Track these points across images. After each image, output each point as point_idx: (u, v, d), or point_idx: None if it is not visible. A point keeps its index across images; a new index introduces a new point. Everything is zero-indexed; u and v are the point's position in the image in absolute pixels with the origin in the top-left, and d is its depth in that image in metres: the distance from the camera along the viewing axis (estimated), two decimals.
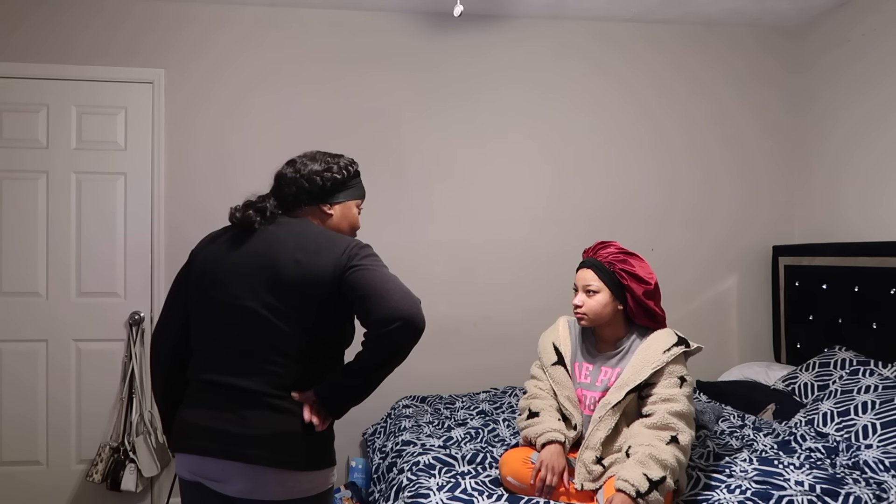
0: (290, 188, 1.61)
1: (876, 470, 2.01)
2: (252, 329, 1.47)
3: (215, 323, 1.51)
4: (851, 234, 3.14)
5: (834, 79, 3.27)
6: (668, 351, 1.91)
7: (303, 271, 1.45)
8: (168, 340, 1.62)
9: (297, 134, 3.22)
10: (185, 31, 3.18)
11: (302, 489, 1.45)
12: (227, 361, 1.48)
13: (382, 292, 1.41)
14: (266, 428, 1.42)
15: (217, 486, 1.46)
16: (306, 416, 1.45)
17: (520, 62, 3.39)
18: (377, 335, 1.41)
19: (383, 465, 2.43)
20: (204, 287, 1.54)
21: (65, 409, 3.07)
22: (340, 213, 1.65)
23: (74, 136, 3.10)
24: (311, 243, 1.49)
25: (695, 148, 3.49)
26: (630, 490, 1.67)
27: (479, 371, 3.30)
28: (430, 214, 3.33)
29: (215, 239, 1.60)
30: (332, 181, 1.62)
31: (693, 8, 3.28)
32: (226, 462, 1.42)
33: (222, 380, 1.47)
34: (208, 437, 1.44)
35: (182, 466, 1.51)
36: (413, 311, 1.40)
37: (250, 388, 1.44)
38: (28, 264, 3.06)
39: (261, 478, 1.42)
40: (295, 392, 1.46)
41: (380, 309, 1.39)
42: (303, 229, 1.54)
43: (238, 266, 1.50)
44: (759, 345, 3.53)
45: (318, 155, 1.66)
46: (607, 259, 1.99)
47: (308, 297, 1.46)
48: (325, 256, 1.47)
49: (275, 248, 1.49)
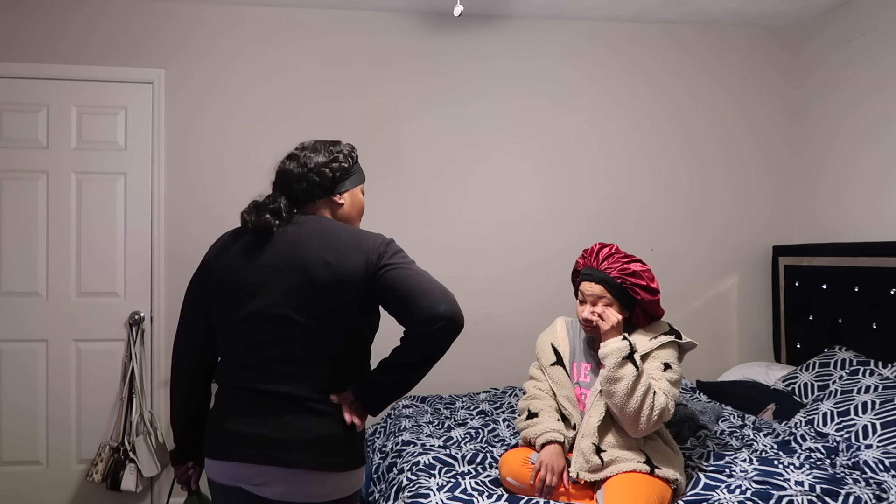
0: (300, 184, 1.56)
1: (876, 470, 2.01)
2: (287, 335, 1.45)
3: (247, 331, 1.48)
4: (855, 234, 3.13)
5: (835, 79, 3.27)
6: (655, 338, 1.96)
7: (334, 273, 1.43)
8: (192, 349, 1.59)
9: (297, 134, 3.18)
10: (185, 32, 3.18)
11: (340, 489, 1.47)
12: (263, 368, 1.46)
13: (421, 292, 1.40)
14: (309, 432, 1.42)
15: (257, 490, 1.45)
16: (347, 419, 1.45)
17: (519, 63, 3.38)
18: (420, 335, 1.42)
19: (383, 465, 2.43)
20: (229, 296, 1.50)
21: (65, 408, 3.07)
22: (350, 200, 1.62)
23: (74, 136, 3.10)
24: (339, 243, 1.47)
25: (694, 148, 3.49)
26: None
27: (479, 371, 3.30)
28: (430, 214, 3.33)
29: (231, 245, 1.55)
30: (341, 170, 1.58)
31: (693, 8, 3.28)
32: (268, 467, 1.42)
33: (259, 386, 1.45)
34: (248, 444, 1.43)
35: (219, 472, 1.49)
36: (454, 310, 1.40)
37: (290, 393, 1.43)
38: (28, 264, 3.06)
39: (302, 481, 1.42)
40: (334, 395, 1.46)
41: (421, 309, 1.39)
42: (325, 228, 1.51)
43: (265, 272, 1.47)
44: (759, 345, 3.53)
45: (318, 145, 1.62)
46: (615, 273, 1.97)
47: (341, 299, 1.44)
48: (355, 256, 1.45)
49: (301, 251, 1.46)
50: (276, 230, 1.49)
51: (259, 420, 1.43)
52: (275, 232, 1.49)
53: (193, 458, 1.63)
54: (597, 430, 1.90)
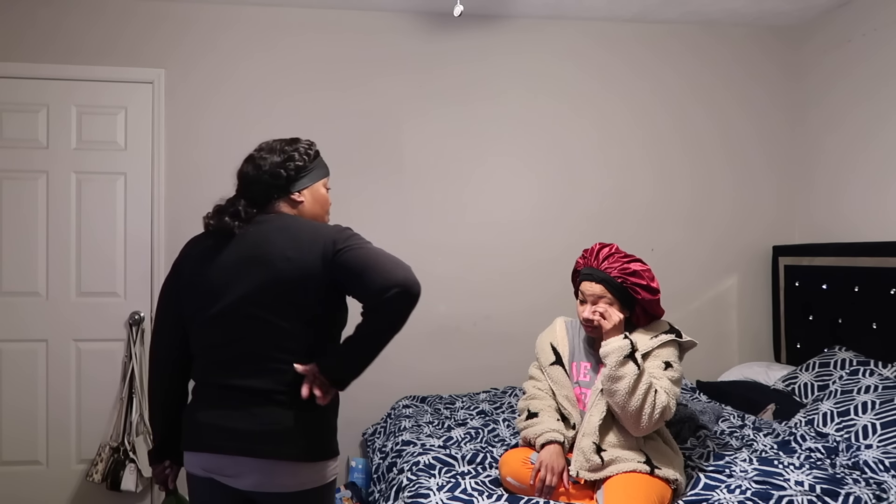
0: (257, 185, 1.62)
1: (876, 470, 2.01)
2: (255, 332, 1.49)
3: (216, 330, 1.53)
4: (855, 234, 3.13)
5: (835, 79, 3.27)
6: (655, 337, 1.97)
7: (294, 267, 1.48)
8: (167, 351, 1.64)
9: (298, 133, 3.19)
10: (185, 32, 3.18)
11: (313, 479, 1.51)
12: (232, 364, 1.51)
13: (375, 265, 1.45)
14: (278, 424, 1.46)
15: (230, 480, 1.50)
16: (304, 392, 1.47)
17: (519, 63, 3.38)
18: (376, 305, 1.45)
19: (383, 465, 2.44)
20: (198, 298, 1.56)
21: (65, 408, 3.07)
22: (310, 196, 1.66)
23: (74, 136, 3.10)
24: (298, 239, 1.52)
25: (694, 148, 3.49)
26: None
27: (479, 371, 3.30)
28: (430, 214, 3.33)
29: (197, 249, 1.62)
30: (296, 169, 1.63)
31: (693, 8, 3.28)
32: (239, 458, 1.47)
33: (230, 382, 1.50)
34: (221, 436, 1.48)
35: (195, 464, 1.55)
36: (408, 276, 1.44)
37: (259, 387, 1.48)
38: (28, 264, 3.06)
39: (273, 471, 1.47)
40: (298, 365, 1.48)
41: (376, 280, 1.43)
42: (285, 225, 1.56)
43: (229, 272, 1.52)
44: (759, 345, 3.53)
45: (274, 145, 1.66)
46: (615, 272, 1.97)
47: (306, 291, 1.48)
48: (313, 249, 1.49)
49: (264, 249, 1.51)
50: (236, 231, 1.55)
51: (230, 413, 1.48)
52: (236, 233, 1.55)
53: (171, 457, 1.68)
54: (598, 429, 1.90)
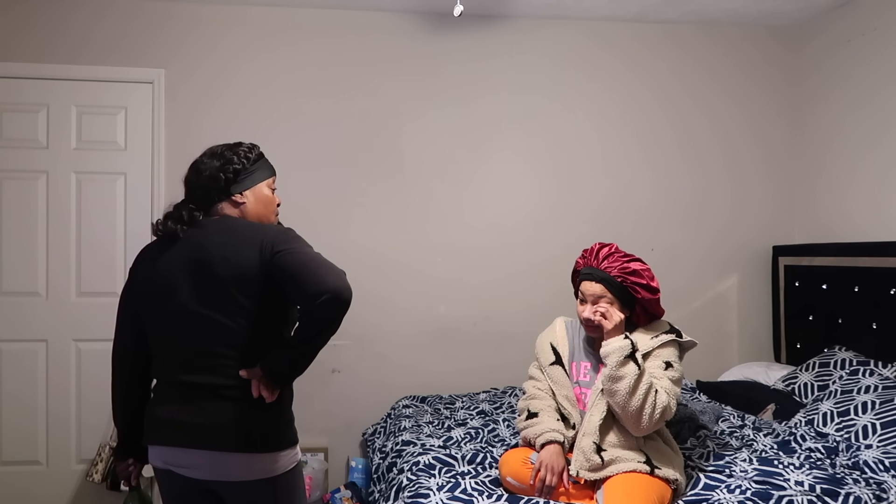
0: (198, 190, 1.68)
1: (876, 470, 2.01)
2: (201, 330, 1.56)
3: (168, 330, 1.61)
4: (855, 234, 3.13)
5: (835, 79, 3.27)
6: (656, 337, 1.96)
7: (232, 267, 1.54)
8: (126, 352, 1.72)
9: (298, 133, 3.23)
10: (185, 32, 3.18)
11: (268, 469, 1.56)
12: (184, 362, 1.58)
13: (308, 270, 1.49)
14: (226, 417, 1.53)
15: (187, 472, 1.57)
16: (254, 392, 1.53)
17: (518, 64, 3.38)
18: (309, 309, 1.50)
19: (383, 465, 2.44)
20: (150, 300, 1.64)
21: (65, 409, 3.07)
22: (252, 197, 1.70)
23: (74, 136, 3.10)
24: (236, 239, 1.57)
25: (694, 147, 3.49)
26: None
27: (479, 371, 3.30)
28: (430, 214, 3.33)
29: (148, 253, 1.69)
30: (234, 172, 1.67)
31: (693, 7, 3.28)
32: (192, 450, 1.54)
33: (183, 378, 1.57)
34: (175, 430, 1.55)
35: (154, 457, 1.62)
36: (339, 284, 1.47)
37: (208, 383, 1.55)
38: (28, 264, 3.06)
39: (225, 462, 1.53)
40: (243, 370, 1.55)
41: (309, 286, 1.47)
42: (227, 226, 1.62)
43: (175, 274, 1.59)
44: (759, 345, 3.53)
45: (216, 150, 1.72)
46: (615, 272, 1.97)
47: (244, 291, 1.54)
48: (251, 248, 1.55)
49: (204, 250, 1.57)
50: (180, 234, 1.61)
51: (184, 408, 1.55)
52: (180, 237, 1.61)
53: (134, 454, 1.74)
54: (598, 428, 1.90)
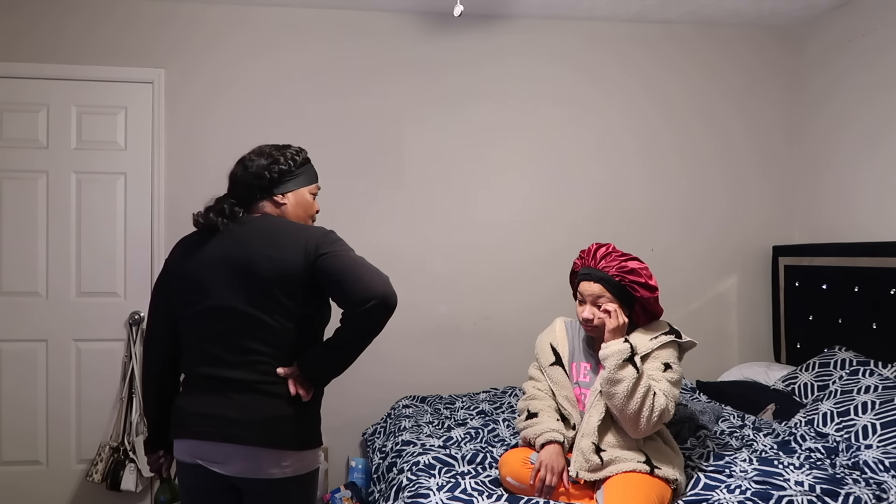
0: (242, 186, 1.69)
1: (876, 470, 2.01)
2: (239, 326, 1.57)
3: (204, 325, 1.60)
4: (855, 234, 3.13)
5: (835, 80, 3.27)
6: (655, 338, 1.96)
7: (276, 266, 1.55)
8: (159, 345, 1.71)
9: (298, 134, 3.21)
10: (185, 32, 3.18)
11: (296, 468, 1.58)
12: (219, 357, 1.58)
13: (355, 275, 1.52)
14: (262, 412, 1.54)
15: (217, 467, 1.56)
16: (292, 390, 1.55)
17: (518, 64, 3.38)
18: (355, 314, 1.52)
19: (383, 465, 2.44)
20: (186, 293, 1.63)
21: (65, 409, 3.07)
22: (294, 201, 1.73)
23: (74, 136, 3.10)
24: (280, 238, 1.59)
25: (693, 147, 3.49)
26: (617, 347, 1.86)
27: (479, 371, 3.30)
28: (430, 214, 3.33)
29: (186, 245, 1.69)
30: (280, 172, 1.69)
31: (693, 7, 3.28)
32: (226, 445, 1.54)
33: (217, 373, 1.57)
34: (208, 423, 1.55)
35: (182, 451, 1.62)
36: (386, 290, 1.51)
37: (245, 378, 1.55)
38: (28, 264, 3.06)
39: (259, 458, 1.54)
40: (280, 368, 1.56)
41: (356, 291, 1.50)
42: (269, 225, 1.63)
43: (214, 269, 1.60)
44: (759, 345, 3.53)
45: (265, 149, 1.74)
46: (613, 271, 1.97)
47: (286, 290, 1.56)
48: (295, 249, 1.56)
49: (246, 248, 1.58)
50: (221, 228, 1.63)
51: (217, 402, 1.55)
52: (221, 230, 1.63)
53: (165, 446, 1.76)
54: (597, 429, 1.90)
